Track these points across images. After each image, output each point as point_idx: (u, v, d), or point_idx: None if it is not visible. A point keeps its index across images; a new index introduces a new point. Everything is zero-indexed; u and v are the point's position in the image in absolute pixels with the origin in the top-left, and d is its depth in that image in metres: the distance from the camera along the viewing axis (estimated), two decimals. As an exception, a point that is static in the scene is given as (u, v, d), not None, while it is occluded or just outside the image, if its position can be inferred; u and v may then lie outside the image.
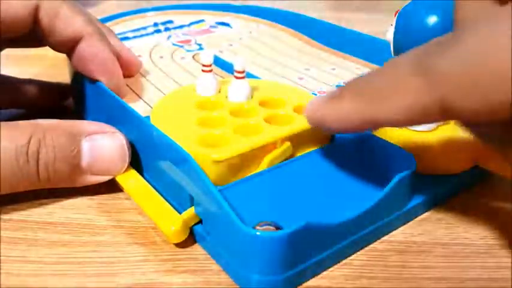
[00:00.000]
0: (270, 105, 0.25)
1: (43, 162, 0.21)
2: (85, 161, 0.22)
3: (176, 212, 0.21)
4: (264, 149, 0.22)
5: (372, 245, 0.21)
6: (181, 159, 0.21)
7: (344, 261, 0.20)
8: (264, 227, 0.19)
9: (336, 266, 0.20)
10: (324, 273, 0.20)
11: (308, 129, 0.23)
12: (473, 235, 0.22)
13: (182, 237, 0.21)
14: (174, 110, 0.25)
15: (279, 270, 0.18)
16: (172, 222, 0.20)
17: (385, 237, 0.22)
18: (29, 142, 0.21)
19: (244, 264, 0.18)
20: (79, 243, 0.21)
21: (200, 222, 0.21)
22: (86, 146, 0.22)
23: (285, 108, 0.25)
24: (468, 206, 0.24)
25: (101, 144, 0.23)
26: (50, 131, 0.22)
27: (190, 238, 0.21)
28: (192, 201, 0.21)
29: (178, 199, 0.22)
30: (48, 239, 0.21)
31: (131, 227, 0.22)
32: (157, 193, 0.22)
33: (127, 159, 0.23)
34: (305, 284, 0.19)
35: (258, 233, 0.17)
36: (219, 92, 0.27)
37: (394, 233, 0.22)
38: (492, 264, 0.20)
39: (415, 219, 0.23)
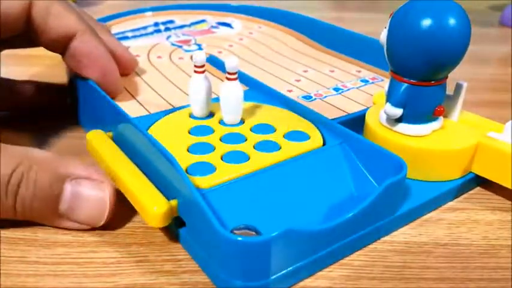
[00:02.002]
0: (262, 130, 0.25)
1: (21, 197, 0.20)
2: (64, 206, 0.21)
3: (164, 198, 0.20)
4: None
5: (372, 246, 0.21)
6: (166, 161, 0.20)
7: (344, 262, 0.20)
8: (242, 231, 0.19)
9: (336, 267, 0.20)
10: (324, 273, 0.20)
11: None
12: (474, 235, 0.22)
13: (162, 222, 0.20)
14: (166, 136, 0.25)
15: (261, 276, 0.18)
16: (157, 203, 0.20)
17: (386, 238, 0.22)
18: (12, 172, 0.20)
19: (225, 269, 0.18)
20: (78, 244, 0.21)
21: (184, 224, 0.21)
22: (68, 190, 0.21)
23: (275, 134, 0.25)
24: (468, 206, 0.24)
25: (83, 193, 0.21)
26: (37, 165, 0.21)
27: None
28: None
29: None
30: (48, 239, 0.21)
31: (131, 227, 0.22)
32: (148, 180, 0.22)
33: (106, 216, 0.21)
34: (305, 285, 0.19)
35: (239, 238, 0.17)
36: (214, 116, 0.27)
37: (394, 233, 0.22)
38: (493, 264, 0.20)
39: (415, 220, 0.23)
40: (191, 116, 0.26)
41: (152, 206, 0.20)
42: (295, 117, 0.27)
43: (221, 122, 0.26)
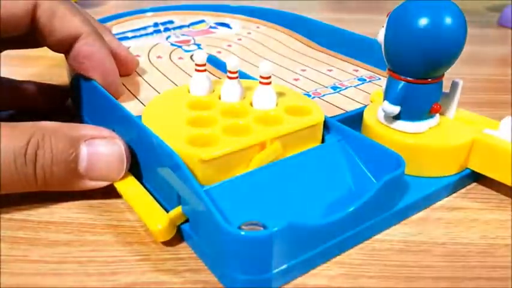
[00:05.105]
0: (262, 105, 0.25)
1: (40, 164, 0.21)
2: (82, 165, 0.22)
3: (163, 211, 0.21)
4: (253, 149, 0.22)
5: (371, 245, 0.21)
6: (168, 157, 0.21)
7: (343, 260, 0.20)
8: (250, 227, 0.19)
9: (335, 265, 0.20)
10: (323, 272, 0.20)
11: (298, 130, 0.23)
12: (472, 234, 0.22)
13: (168, 236, 0.21)
14: (165, 109, 0.25)
15: (263, 270, 0.18)
16: (159, 220, 0.20)
17: (384, 237, 0.22)
18: (27, 143, 0.21)
19: (229, 264, 0.18)
20: (80, 243, 0.21)
21: (187, 221, 0.21)
22: (84, 150, 0.22)
23: (276, 108, 0.25)
24: (467, 205, 0.24)
25: (99, 150, 0.23)
26: (50, 133, 0.22)
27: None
28: (179, 200, 0.21)
29: (167, 198, 0.22)
30: (49, 238, 0.21)
31: (132, 226, 0.22)
32: (146, 192, 0.23)
33: (124, 167, 0.23)
34: (304, 284, 0.19)
35: (242, 233, 0.17)
36: (213, 91, 0.27)
37: (393, 232, 0.22)
38: (491, 263, 0.21)
39: (414, 219, 0.23)
40: (190, 91, 0.27)
41: (156, 224, 0.20)
42: (296, 94, 0.27)
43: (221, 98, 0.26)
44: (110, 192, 0.23)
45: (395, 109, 0.24)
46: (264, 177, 0.22)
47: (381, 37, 0.24)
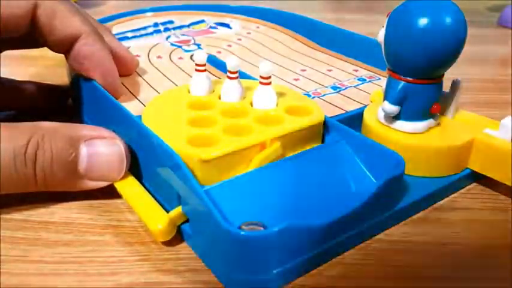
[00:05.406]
0: (263, 105, 0.25)
1: (40, 165, 0.21)
2: (82, 166, 0.22)
3: (163, 211, 0.21)
4: (254, 149, 0.22)
5: (372, 245, 0.21)
6: (168, 157, 0.21)
7: (344, 260, 0.20)
8: (250, 227, 0.19)
9: (335, 265, 0.20)
10: (323, 272, 0.20)
11: (298, 130, 0.23)
12: (473, 234, 0.22)
13: (169, 236, 0.21)
14: (165, 110, 0.25)
15: (263, 270, 0.18)
16: (159, 220, 0.20)
17: (385, 237, 0.22)
18: (27, 144, 0.21)
19: (229, 264, 0.18)
20: (80, 243, 0.21)
21: (187, 221, 0.21)
22: (84, 151, 0.22)
23: (276, 108, 0.25)
24: (467, 205, 0.24)
25: (99, 150, 0.23)
26: (50, 133, 0.22)
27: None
28: (179, 200, 0.21)
29: (167, 198, 0.22)
30: (49, 238, 0.21)
31: (132, 226, 0.22)
32: (146, 192, 0.23)
33: (124, 167, 0.23)
34: (305, 284, 0.19)
35: (242, 233, 0.17)
36: (213, 92, 0.27)
37: (393, 232, 0.22)
38: (492, 263, 0.21)
39: (414, 219, 0.23)
40: (190, 91, 0.27)
41: (156, 224, 0.20)
42: (296, 94, 0.27)
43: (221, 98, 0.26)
44: (110, 192, 0.23)
45: (395, 109, 0.24)
46: (264, 177, 0.22)
47: (381, 37, 0.24)
